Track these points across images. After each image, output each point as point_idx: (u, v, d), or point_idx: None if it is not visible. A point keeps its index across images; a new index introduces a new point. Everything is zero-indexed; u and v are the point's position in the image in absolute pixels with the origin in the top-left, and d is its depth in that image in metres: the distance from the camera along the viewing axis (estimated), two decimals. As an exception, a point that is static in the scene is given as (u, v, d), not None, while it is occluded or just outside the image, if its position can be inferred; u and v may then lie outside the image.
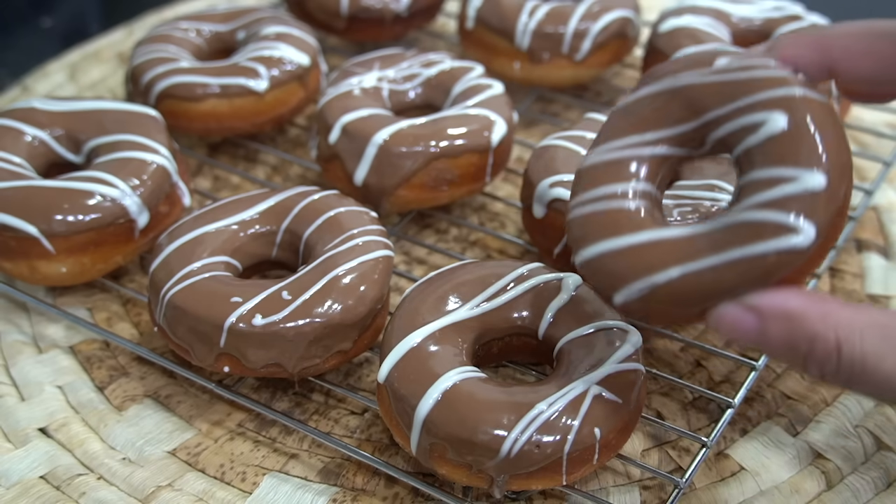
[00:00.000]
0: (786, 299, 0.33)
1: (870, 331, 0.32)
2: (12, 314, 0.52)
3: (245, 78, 0.58)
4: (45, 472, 0.44)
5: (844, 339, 0.32)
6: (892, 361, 0.31)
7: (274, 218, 0.48)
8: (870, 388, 0.32)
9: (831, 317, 0.32)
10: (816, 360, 0.32)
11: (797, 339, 0.32)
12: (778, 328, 0.33)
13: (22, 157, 0.52)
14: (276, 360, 0.43)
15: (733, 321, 0.34)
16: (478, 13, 0.65)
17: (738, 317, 0.34)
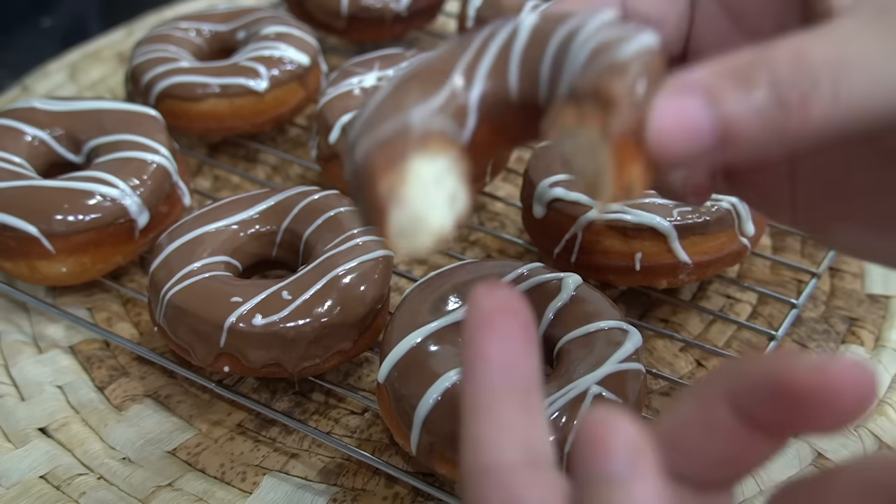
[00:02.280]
0: (703, 65, 0.26)
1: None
2: (12, 314, 0.52)
3: (245, 78, 0.58)
4: (45, 472, 0.44)
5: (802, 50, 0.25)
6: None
7: (274, 218, 0.48)
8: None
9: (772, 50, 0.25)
10: (789, 81, 0.25)
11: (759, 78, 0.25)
12: (727, 83, 0.25)
13: (22, 157, 0.52)
14: (276, 360, 0.43)
15: (680, 114, 0.25)
16: (478, 13, 0.65)
17: (682, 104, 0.25)
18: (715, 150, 0.25)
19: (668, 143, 0.25)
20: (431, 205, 0.27)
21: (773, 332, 0.48)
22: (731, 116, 0.25)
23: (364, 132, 0.28)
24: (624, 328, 0.42)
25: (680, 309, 0.51)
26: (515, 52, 0.29)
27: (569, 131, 0.26)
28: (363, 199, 0.27)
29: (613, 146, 0.25)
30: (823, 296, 0.52)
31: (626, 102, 0.25)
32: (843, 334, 0.50)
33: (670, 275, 0.47)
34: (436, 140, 0.27)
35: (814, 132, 0.25)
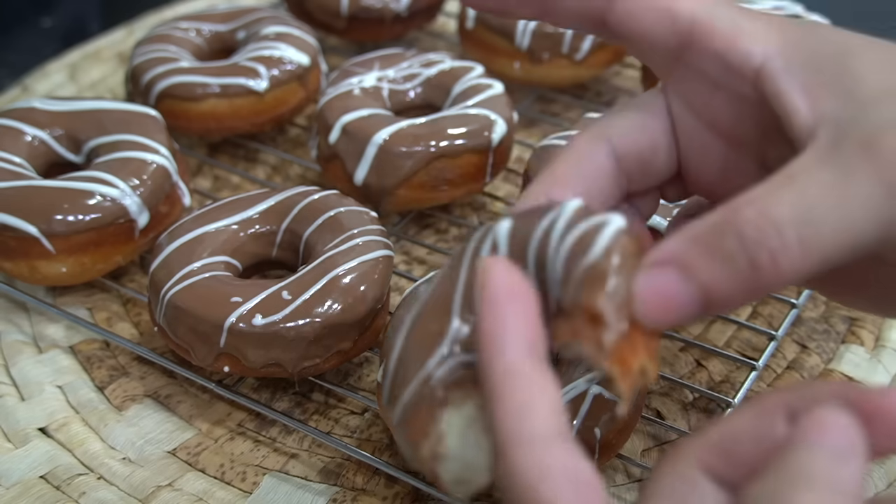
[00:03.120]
0: (675, 237, 0.27)
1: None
2: (12, 314, 0.52)
3: (245, 78, 0.58)
4: (45, 472, 0.44)
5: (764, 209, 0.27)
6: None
7: (274, 218, 0.48)
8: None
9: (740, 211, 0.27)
10: (757, 243, 0.26)
11: (728, 245, 0.26)
12: (699, 253, 0.27)
13: (22, 157, 0.52)
14: (276, 360, 0.43)
15: (661, 291, 0.27)
16: (478, 13, 0.65)
17: (660, 282, 0.27)
18: (700, 312, 0.27)
19: (657, 318, 0.27)
20: (474, 446, 0.28)
21: (773, 332, 0.48)
22: (708, 284, 0.27)
23: (392, 399, 0.30)
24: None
25: (680, 309, 0.51)
26: (458, 289, 0.30)
27: (568, 344, 0.28)
28: (410, 454, 0.29)
29: (612, 355, 0.27)
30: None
31: (610, 313, 0.27)
32: (843, 334, 0.50)
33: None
34: (457, 387, 0.29)
35: (787, 279, 0.27)
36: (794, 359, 0.49)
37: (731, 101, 0.32)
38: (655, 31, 0.31)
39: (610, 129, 0.33)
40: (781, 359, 0.49)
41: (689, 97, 0.33)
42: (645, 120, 0.33)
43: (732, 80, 0.31)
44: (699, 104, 0.32)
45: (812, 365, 0.48)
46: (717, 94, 0.32)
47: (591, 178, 0.32)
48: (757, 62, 0.30)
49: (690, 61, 0.32)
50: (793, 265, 0.26)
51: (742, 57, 0.30)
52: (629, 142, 0.33)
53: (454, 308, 0.30)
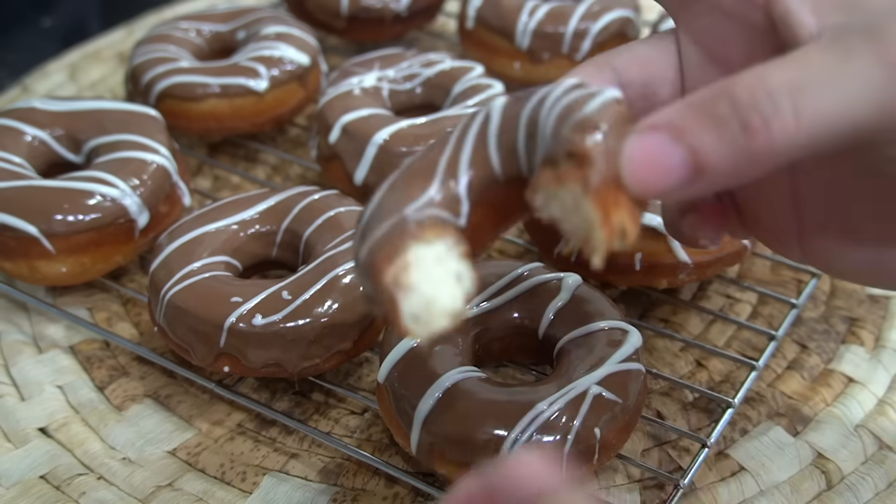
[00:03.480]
0: (669, 105, 0.27)
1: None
2: (12, 314, 0.52)
3: (245, 78, 0.58)
4: (45, 472, 0.44)
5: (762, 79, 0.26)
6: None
7: (274, 218, 0.48)
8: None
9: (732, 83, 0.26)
10: (749, 107, 0.26)
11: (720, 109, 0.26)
12: (690, 117, 0.26)
13: (22, 156, 0.52)
14: (276, 360, 0.43)
15: (649, 151, 0.26)
16: (478, 13, 0.65)
17: (649, 142, 0.26)
18: (690, 181, 0.26)
19: (644, 181, 0.26)
20: (438, 287, 0.28)
21: (773, 332, 0.48)
22: (698, 147, 0.26)
23: (364, 236, 0.29)
24: (624, 328, 0.42)
25: (680, 309, 0.51)
26: (492, 135, 0.30)
27: (550, 193, 0.27)
28: (374, 295, 0.28)
29: (595, 197, 0.26)
30: (823, 296, 0.52)
31: (598, 153, 0.26)
32: (843, 334, 0.50)
33: (670, 275, 0.47)
34: (431, 227, 0.28)
35: (781, 151, 0.26)
36: (794, 359, 0.49)
37: (741, 31, 0.32)
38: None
39: (616, 58, 0.33)
40: (781, 359, 0.49)
41: (700, 32, 0.33)
42: (652, 52, 0.33)
43: (743, 8, 0.31)
44: (709, 38, 0.33)
45: (812, 365, 0.48)
46: (728, 26, 0.32)
47: None
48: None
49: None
50: (785, 133, 0.26)
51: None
52: (634, 70, 0.33)
53: (438, 170, 0.30)
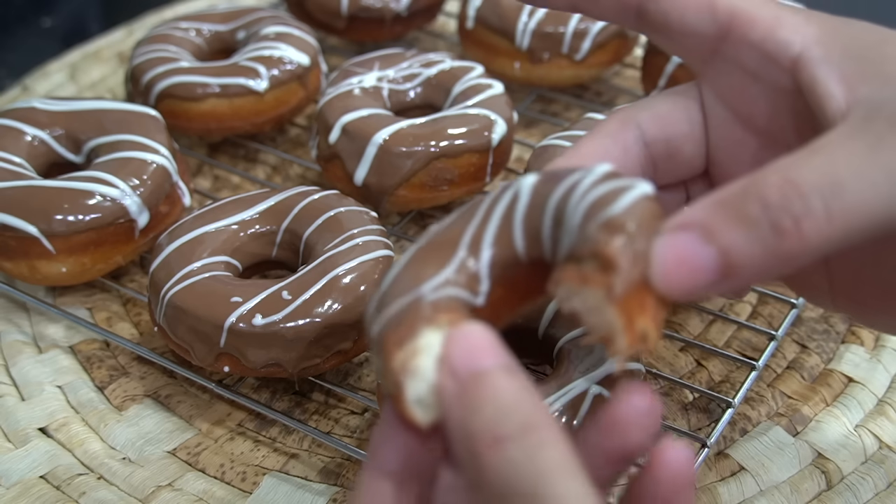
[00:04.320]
0: (698, 203, 0.27)
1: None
2: (12, 314, 0.52)
3: (245, 78, 0.58)
4: (45, 472, 0.44)
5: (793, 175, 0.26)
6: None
7: (274, 218, 0.48)
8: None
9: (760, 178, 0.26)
10: (780, 207, 0.26)
11: (750, 209, 0.26)
12: (720, 217, 0.26)
13: (22, 157, 0.52)
14: (276, 360, 0.43)
15: (680, 253, 0.26)
16: (478, 13, 0.65)
17: (680, 244, 0.26)
18: (719, 281, 0.26)
19: (674, 282, 0.26)
20: None
21: (773, 332, 0.48)
22: (729, 248, 0.26)
23: (378, 310, 0.29)
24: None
25: (680, 309, 0.51)
26: (518, 216, 0.30)
27: (572, 290, 0.27)
28: (382, 373, 0.28)
29: (619, 304, 0.26)
30: (823, 296, 0.52)
31: (625, 260, 0.26)
32: (843, 334, 0.50)
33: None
34: (446, 311, 0.28)
35: (813, 249, 0.26)
36: (794, 359, 0.49)
37: (766, 92, 0.31)
38: (695, 20, 0.31)
39: (640, 113, 0.33)
40: (781, 359, 0.49)
41: (724, 90, 0.32)
42: (676, 109, 0.33)
43: (770, 71, 0.31)
44: (734, 97, 0.32)
45: (812, 365, 0.48)
46: (753, 86, 0.31)
47: (616, 160, 0.32)
48: (795, 51, 0.30)
49: (727, 52, 0.31)
50: (818, 232, 0.25)
51: (780, 45, 0.30)
52: (658, 128, 0.33)
53: (461, 246, 0.29)
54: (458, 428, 0.25)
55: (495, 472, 0.24)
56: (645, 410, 0.26)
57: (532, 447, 0.24)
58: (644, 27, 0.32)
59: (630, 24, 0.33)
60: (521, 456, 0.24)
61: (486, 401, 0.25)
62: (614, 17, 0.33)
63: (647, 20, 0.32)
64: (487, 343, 0.26)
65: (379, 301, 0.29)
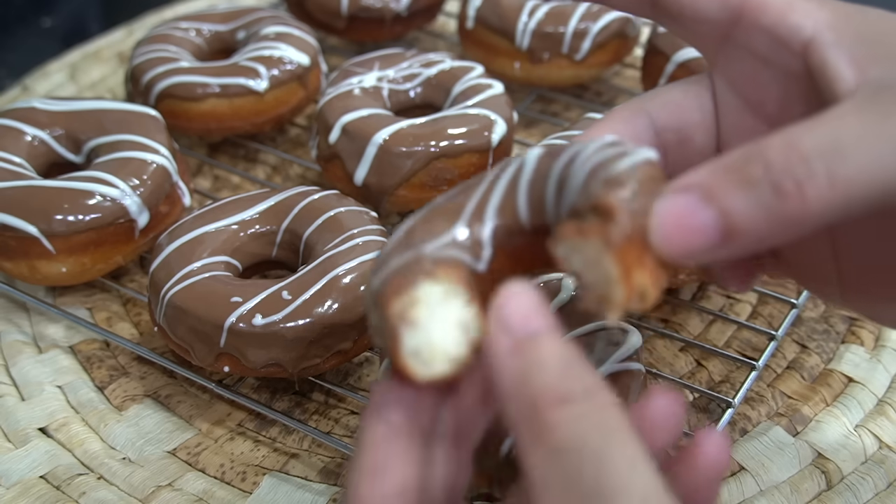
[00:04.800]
0: (700, 167, 0.27)
1: None
2: (12, 314, 0.52)
3: (245, 78, 0.58)
4: (45, 472, 0.44)
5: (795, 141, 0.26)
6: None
7: (274, 218, 0.48)
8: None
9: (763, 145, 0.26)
10: (782, 170, 0.25)
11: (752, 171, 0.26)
12: (722, 179, 0.26)
13: (22, 156, 0.52)
14: (276, 360, 0.43)
15: (679, 213, 0.26)
16: (478, 13, 0.65)
17: (680, 204, 0.26)
18: (720, 244, 0.26)
19: (673, 242, 0.26)
20: (444, 329, 0.27)
21: (773, 332, 0.48)
22: (731, 209, 0.25)
23: (380, 267, 0.29)
24: (624, 328, 0.42)
25: (680, 309, 0.51)
26: (522, 184, 0.30)
27: (572, 246, 0.27)
28: (378, 326, 0.28)
29: (616, 253, 0.26)
30: (823, 296, 0.52)
31: (624, 210, 0.26)
32: (843, 334, 0.50)
33: (670, 275, 0.47)
34: (446, 267, 0.28)
35: (815, 215, 0.26)
36: (794, 359, 0.49)
37: (778, 77, 0.31)
38: (707, 5, 0.31)
39: (651, 102, 0.33)
40: (781, 359, 0.49)
41: (736, 77, 0.32)
42: (687, 97, 0.33)
43: (781, 55, 0.31)
44: (745, 84, 0.32)
45: (812, 365, 0.48)
46: (764, 72, 0.31)
47: None
48: (807, 35, 0.30)
49: (739, 38, 0.31)
50: (819, 196, 0.25)
51: (792, 30, 0.30)
52: (668, 115, 0.33)
53: (465, 212, 0.29)
54: (516, 385, 0.25)
55: (562, 430, 0.24)
56: (671, 413, 0.27)
57: (599, 408, 0.24)
58: (658, 15, 0.33)
59: (645, 11, 0.33)
60: (590, 415, 0.24)
61: (549, 361, 0.25)
62: (630, 5, 0.33)
63: (661, 7, 0.32)
64: (539, 304, 0.26)
65: (379, 262, 0.29)
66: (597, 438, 0.24)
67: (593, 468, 0.23)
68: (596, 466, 0.23)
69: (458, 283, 0.28)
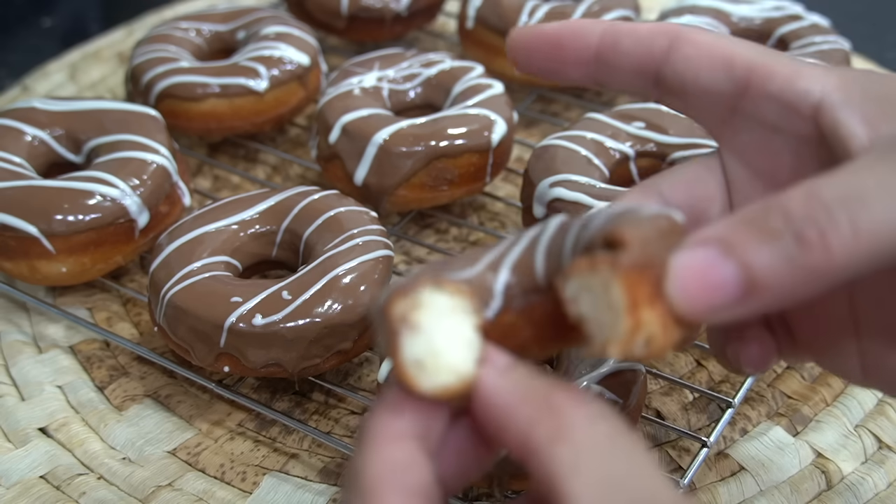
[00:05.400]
0: (720, 221, 0.26)
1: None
2: (12, 314, 0.52)
3: (245, 78, 0.58)
4: (45, 472, 0.44)
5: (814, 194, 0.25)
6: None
7: (274, 218, 0.48)
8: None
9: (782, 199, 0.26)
10: (804, 219, 0.25)
11: (773, 222, 0.25)
12: (742, 232, 0.25)
13: (22, 156, 0.52)
14: (276, 360, 0.43)
15: (699, 267, 0.25)
16: (478, 13, 0.65)
17: (699, 258, 0.25)
18: (741, 300, 0.25)
19: (691, 296, 0.25)
20: (448, 340, 0.26)
21: (773, 332, 0.48)
22: (753, 263, 0.25)
23: (394, 284, 0.28)
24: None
25: (680, 309, 0.51)
26: (542, 244, 0.29)
27: (581, 282, 0.25)
28: (381, 332, 0.27)
29: (624, 280, 0.24)
30: (823, 296, 0.52)
31: (637, 240, 0.25)
32: (843, 334, 0.50)
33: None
34: (455, 284, 0.27)
35: (839, 266, 0.25)
36: (794, 359, 0.49)
37: (789, 144, 0.31)
38: (711, 78, 0.30)
39: (662, 182, 0.33)
40: (781, 359, 0.49)
41: (745, 148, 0.32)
42: (697, 174, 0.32)
43: (791, 121, 0.30)
44: (755, 154, 0.32)
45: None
46: (774, 139, 0.31)
47: None
48: (816, 98, 0.29)
49: (746, 108, 0.31)
50: (842, 245, 0.24)
51: (801, 94, 0.29)
52: (680, 193, 0.32)
53: (480, 262, 0.28)
54: (521, 394, 0.26)
55: (583, 429, 0.25)
56: None
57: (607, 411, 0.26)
58: (662, 94, 0.32)
59: (649, 91, 0.32)
60: (608, 415, 0.25)
61: (538, 377, 0.26)
62: (634, 86, 0.32)
63: (664, 85, 0.31)
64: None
65: (396, 285, 0.28)
66: (621, 436, 0.24)
67: (624, 465, 0.24)
68: (630, 465, 0.24)
69: (468, 300, 0.27)
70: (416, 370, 0.26)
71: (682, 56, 0.31)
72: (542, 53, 0.33)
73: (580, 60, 0.32)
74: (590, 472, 0.24)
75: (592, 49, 0.32)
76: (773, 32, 0.62)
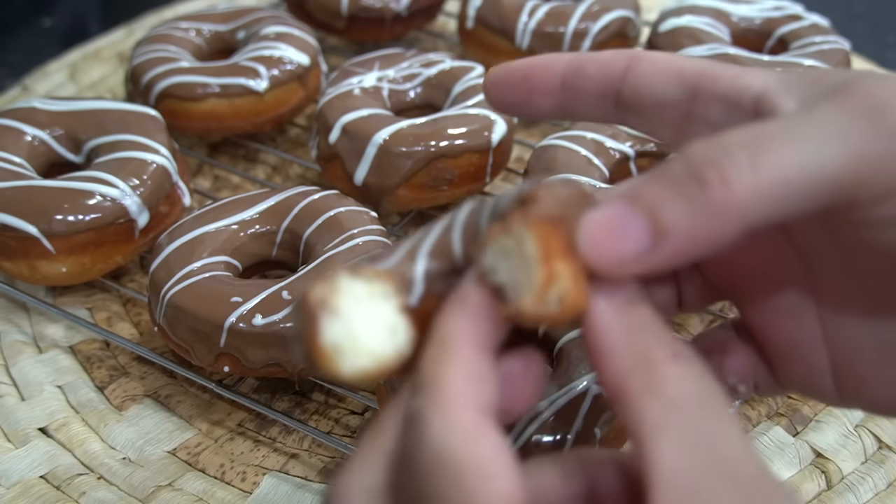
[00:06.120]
0: (628, 181, 0.26)
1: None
2: (12, 314, 0.52)
3: (245, 78, 0.58)
4: (45, 472, 0.44)
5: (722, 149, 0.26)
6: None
7: (274, 218, 0.48)
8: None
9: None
10: (704, 163, 0.25)
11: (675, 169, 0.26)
12: (646, 183, 0.26)
13: (22, 157, 0.52)
14: (276, 360, 0.43)
15: (606, 220, 0.25)
16: (478, 13, 0.65)
17: (606, 213, 0.26)
18: (651, 248, 0.25)
19: (602, 248, 0.25)
20: (367, 324, 0.26)
21: (773, 332, 0.48)
22: (656, 208, 0.25)
23: None
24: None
25: (680, 309, 0.51)
26: (458, 224, 0.29)
27: (497, 249, 0.26)
28: (298, 324, 0.27)
29: (536, 230, 0.25)
30: (823, 296, 0.52)
31: (550, 198, 0.25)
32: (843, 334, 0.50)
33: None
34: (370, 270, 0.27)
35: (742, 203, 0.25)
36: (794, 359, 0.49)
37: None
38: (665, 88, 0.31)
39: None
40: (781, 359, 0.49)
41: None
42: None
43: (735, 117, 0.30)
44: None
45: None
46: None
47: None
48: (757, 90, 0.30)
49: (697, 113, 0.31)
50: (741, 181, 0.25)
51: (743, 89, 0.30)
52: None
53: (395, 255, 0.28)
54: (626, 340, 0.26)
55: (677, 383, 0.25)
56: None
57: (705, 369, 0.26)
58: (622, 113, 0.32)
59: (611, 114, 0.32)
60: (704, 374, 0.25)
61: (652, 322, 0.26)
62: (596, 111, 0.33)
63: (623, 103, 0.32)
64: (630, 279, 0.27)
65: None
66: (713, 398, 0.25)
67: (710, 428, 0.24)
68: (717, 427, 0.24)
69: (389, 285, 0.27)
70: (333, 353, 0.26)
71: (639, 73, 0.31)
72: (512, 86, 0.33)
73: (548, 90, 0.33)
74: (675, 432, 0.24)
75: (559, 76, 0.32)
76: (773, 32, 0.62)
